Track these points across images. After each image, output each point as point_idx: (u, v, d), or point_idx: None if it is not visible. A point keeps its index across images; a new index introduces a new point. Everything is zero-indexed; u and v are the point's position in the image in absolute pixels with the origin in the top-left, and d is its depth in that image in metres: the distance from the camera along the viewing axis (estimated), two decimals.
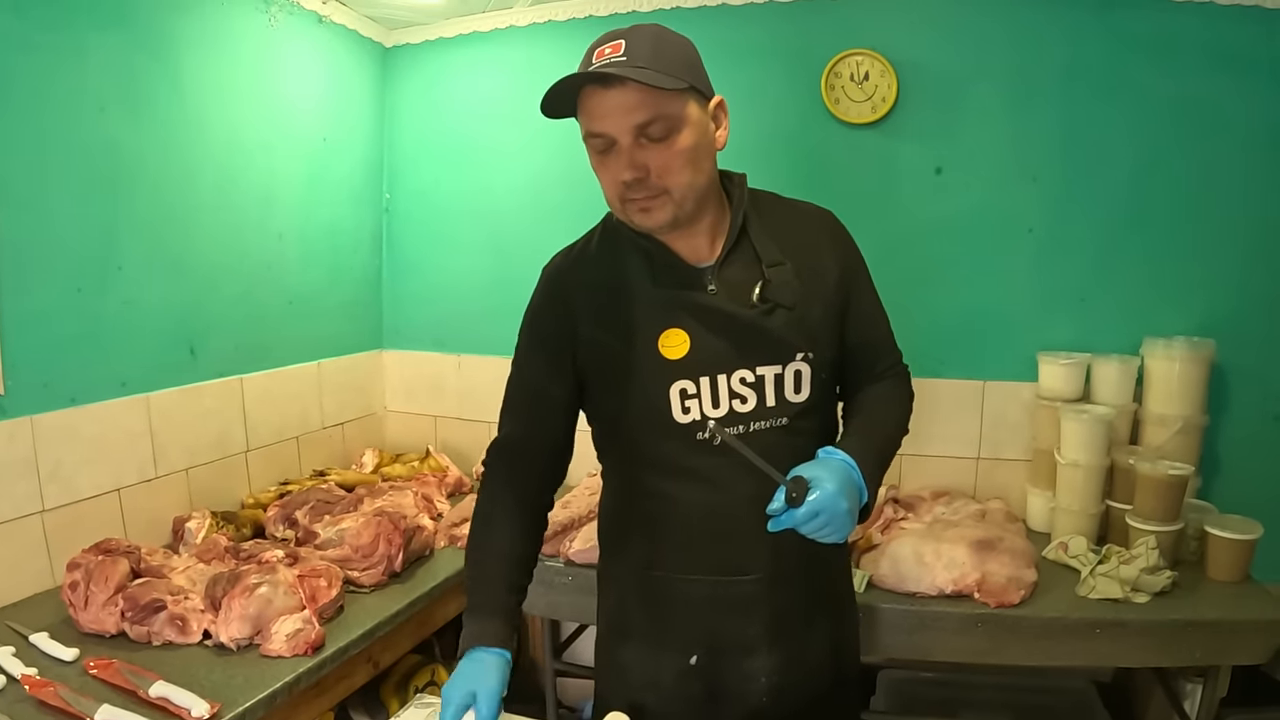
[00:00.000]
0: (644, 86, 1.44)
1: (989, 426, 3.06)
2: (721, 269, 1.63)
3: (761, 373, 1.58)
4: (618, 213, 1.61)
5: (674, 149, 1.50)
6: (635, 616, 1.77)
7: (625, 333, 1.61)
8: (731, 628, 1.68)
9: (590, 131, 1.52)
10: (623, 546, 1.79)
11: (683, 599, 1.69)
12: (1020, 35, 2.92)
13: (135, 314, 2.59)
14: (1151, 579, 2.34)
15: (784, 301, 1.60)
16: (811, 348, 1.60)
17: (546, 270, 1.76)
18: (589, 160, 1.60)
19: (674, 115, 1.49)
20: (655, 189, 1.51)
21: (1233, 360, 2.83)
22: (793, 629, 1.69)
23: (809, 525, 1.42)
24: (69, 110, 2.36)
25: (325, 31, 3.31)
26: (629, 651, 1.78)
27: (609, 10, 3.27)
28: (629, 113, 1.46)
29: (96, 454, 2.47)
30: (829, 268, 1.67)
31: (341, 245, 3.52)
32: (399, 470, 3.36)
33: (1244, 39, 2.77)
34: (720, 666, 1.70)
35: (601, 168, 1.56)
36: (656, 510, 1.68)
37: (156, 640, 2.05)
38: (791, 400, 1.61)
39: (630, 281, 1.64)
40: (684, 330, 1.59)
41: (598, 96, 1.48)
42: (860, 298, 1.73)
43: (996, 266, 3.01)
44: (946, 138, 3.01)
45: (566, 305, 1.68)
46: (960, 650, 2.35)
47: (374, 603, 2.35)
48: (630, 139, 1.48)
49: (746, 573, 1.65)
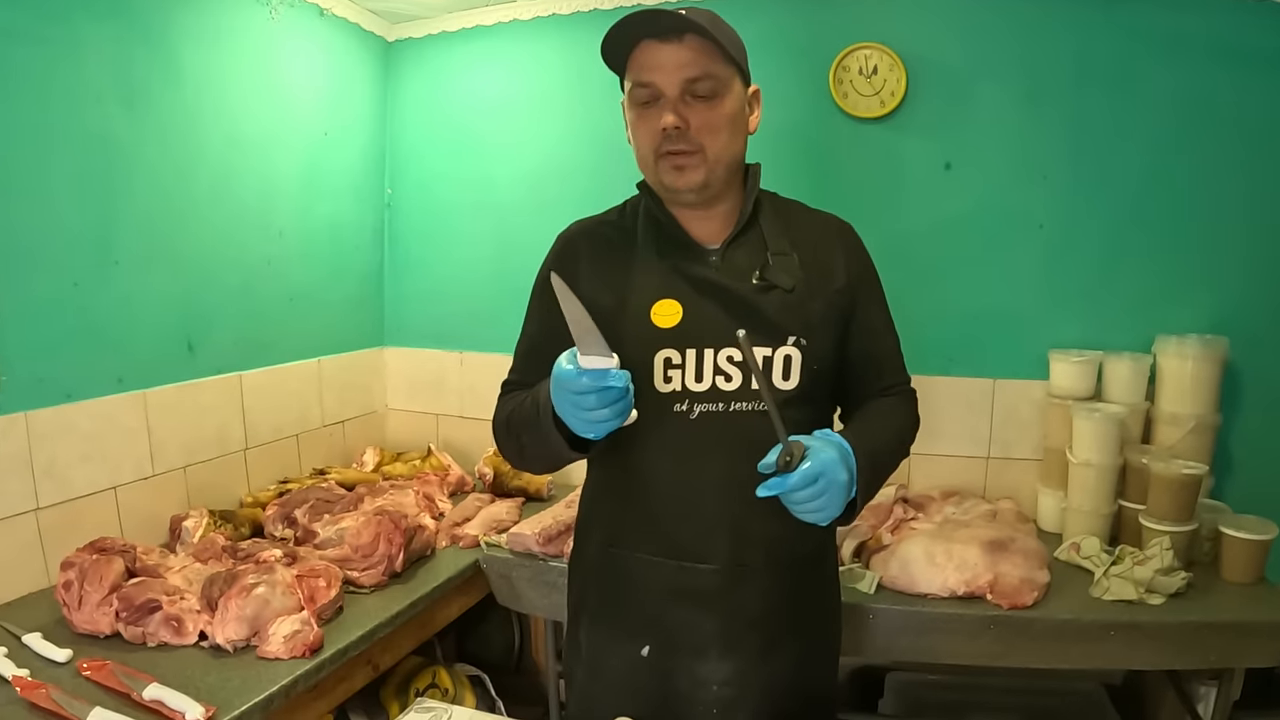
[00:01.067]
0: (699, 45, 1.51)
1: (999, 425, 3.02)
2: (728, 249, 1.65)
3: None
4: (649, 172, 1.64)
5: (717, 110, 1.56)
6: (592, 597, 1.79)
7: (621, 294, 1.64)
8: (684, 620, 1.66)
9: (639, 81, 1.57)
10: (590, 523, 1.81)
11: (638, 580, 1.69)
12: (1029, 30, 2.89)
13: (133, 309, 2.56)
14: (1166, 580, 2.31)
15: (782, 283, 1.61)
16: (805, 334, 1.60)
17: (561, 233, 1.80)
18: (626, 119, 1.65)
19: (722, 78, 1.55)
20: (694, 144, 1.55)
21: (1246, 358, 2.79)
22: (750, 639, 1.67)
23: (803, 493, 1.40)
24: (66, 103, 2.33)
25: (327, 25, 3.28)
26: (584, 632, 1.80)
27: (613, 4, 3.24)
28: (681, 67, 1.52)
29: (92, 451, 2.43)
30: (838, 272, 1.68)
31: (342, 241, 3.49)
32: (400, 469, 3.33)
33: (1254, 33, 2.74)
34: (671, 666, 1.68)
35: (641, 121, 1.59)
36: (622, 483, 1.70)
37: (151, 641, 2.02)
38: (779, 386, 1.60)
39: (638, 249, 1.68)
40: (678, 301, 1.61)
41: (653, 49, 1.54)
42: (868, 309, 1.73)
43: (1007, 263, 2.98)
44: (956, 133, 2.98)
45: (574, 261, 1.71)
46: (972, 653, 2.31)
47: (374, 603, 2.31)
48: (677, 93, 1.54)
49: (705, 560, 1.63)
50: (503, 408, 1.72)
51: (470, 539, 2.72)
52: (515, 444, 1.68)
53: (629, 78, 1.59)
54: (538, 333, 1.75)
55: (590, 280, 1.65)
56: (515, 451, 1.70)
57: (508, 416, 1.68)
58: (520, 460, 1.73)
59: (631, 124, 1.62)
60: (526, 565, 2.62)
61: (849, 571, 2.42)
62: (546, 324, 1.68)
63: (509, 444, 1.70)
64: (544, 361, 1.61)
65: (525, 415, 1.58)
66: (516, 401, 1.66)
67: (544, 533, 2.61)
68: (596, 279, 1.66)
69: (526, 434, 1.59)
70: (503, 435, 1.71)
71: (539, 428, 1.52)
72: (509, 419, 1.67)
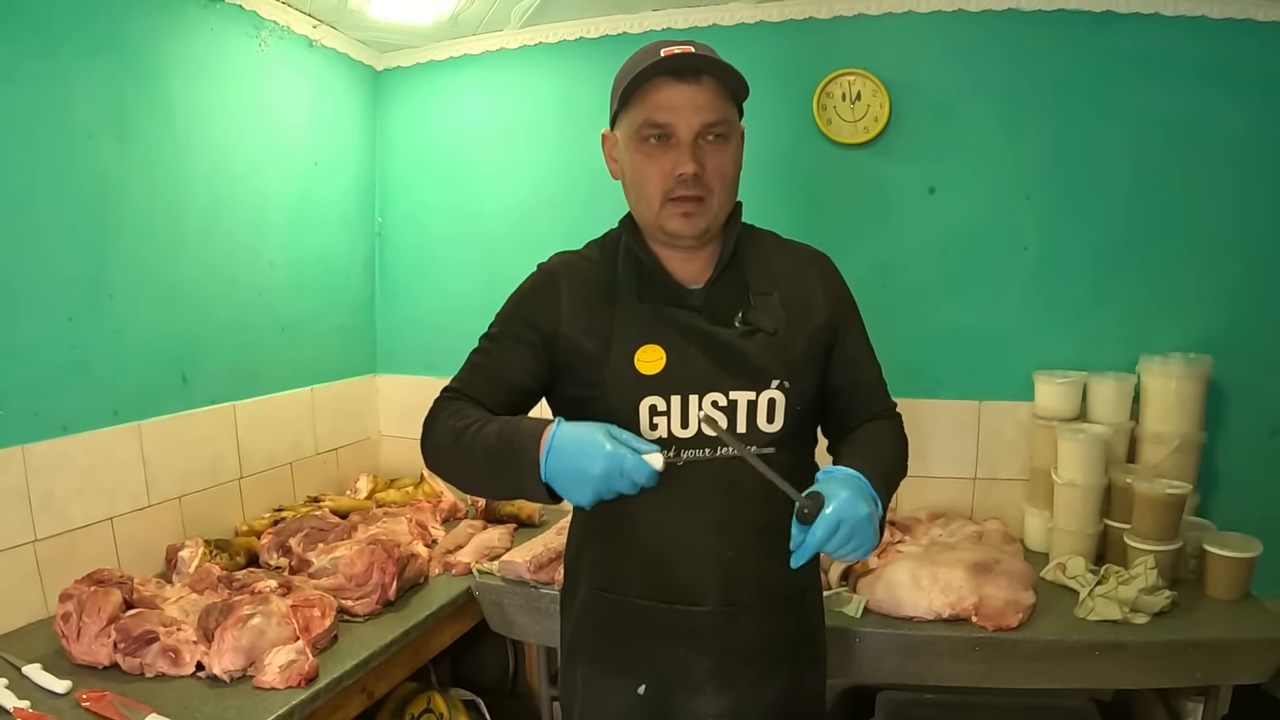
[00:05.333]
0: (715, 87, 1.51)
1: (985, 446, 3.05)
2: (709, 291, 1.65)
3: (735, 397, 1.59)
4: (649, 213, 1.62)
5: (726, 153, 1.57)
6: (587, 639, 1.79)
7: (604, 338, 1.62)
8: (679, 660, 1.67)
9: (651, 121, 1.55)
10: (580, 565, 1.80)
11: (633, 624, 1.69)
12: (1012, 53, 2.93)
13: (126, 342, 2.57)
14: (1150, 599, 2.33)
15: (765, 327, 1.61)
16: (788, 377, 1.61)
17: (541, 265, 1.77)
18: (617, 154, 1.65)
19: (733, 122, 1.57)
20: (706, 188, 1.55)
21: (1230, 376, 2.83)
22: (744, 673, 1.68)
23: (832, 541, 1.40)
24: (58, 138, 2.35)
25: (316, 56, 3.31)
26: (579, 672, 1.80)
27: (599, 32, 3.28)
28: (699, 110, 1.52)
29: (88, 483, 2.45)
30: (818, 306, 1.69)
31: (333, 270, 3.51)
32: (393, 496, 3.35)
33: (1236, 53, 2.79)
34: (668, 702, 1.69)
35: (649, 161, 1.57)
36: (612, 529, 1.69)
37: (149, 672, 2.03)
38: (763, 429, 1.61)
39: (620, 292, 1.66)
40: (661, 347, 1.60)
41: (670, 88, 1.53)
42: (849, 340, 1.74)
43: (992, 286, 3.01)
44: (939, 157, 3.02)
45: (555, 298, 1.68)
46: (957, 674, 2.34)
47: (368, 632, 2.33)
48: (692, 136, 1.53)
49: (697, 603, 1.64)
50: (447, 418, 1.62)
51: (463, 566, 2.74)
52: (462, 464, 1.59)
53: (637, 114, 1.57)
54: (500, 356, 1.69)
55: (572, 321, 1.65)
56: (458, 470, 1.63)
57: (458, 434, 1.56)
58: (460, 480, 1.65)
59: (634, 162, 1.60)
60: (518, 592, 2.63)
61: (835, 596, 2.43)
62: (513, 353, 1.67)
63: (452, 459, 1.61)
64: (494, 384, 1.63)
65: (488, 445, 1.51)
66: (470, 422, 1.56)
67: (535, 560, 2.63)
68: (580, 319, 1.65)
69: (486, 464, 1.52)
70: (445, 448, 1.60)
71: (507, 465, 1.47)
72: (460, 437, 1.56)
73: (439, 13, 3.14)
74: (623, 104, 1.60)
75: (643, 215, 1.65)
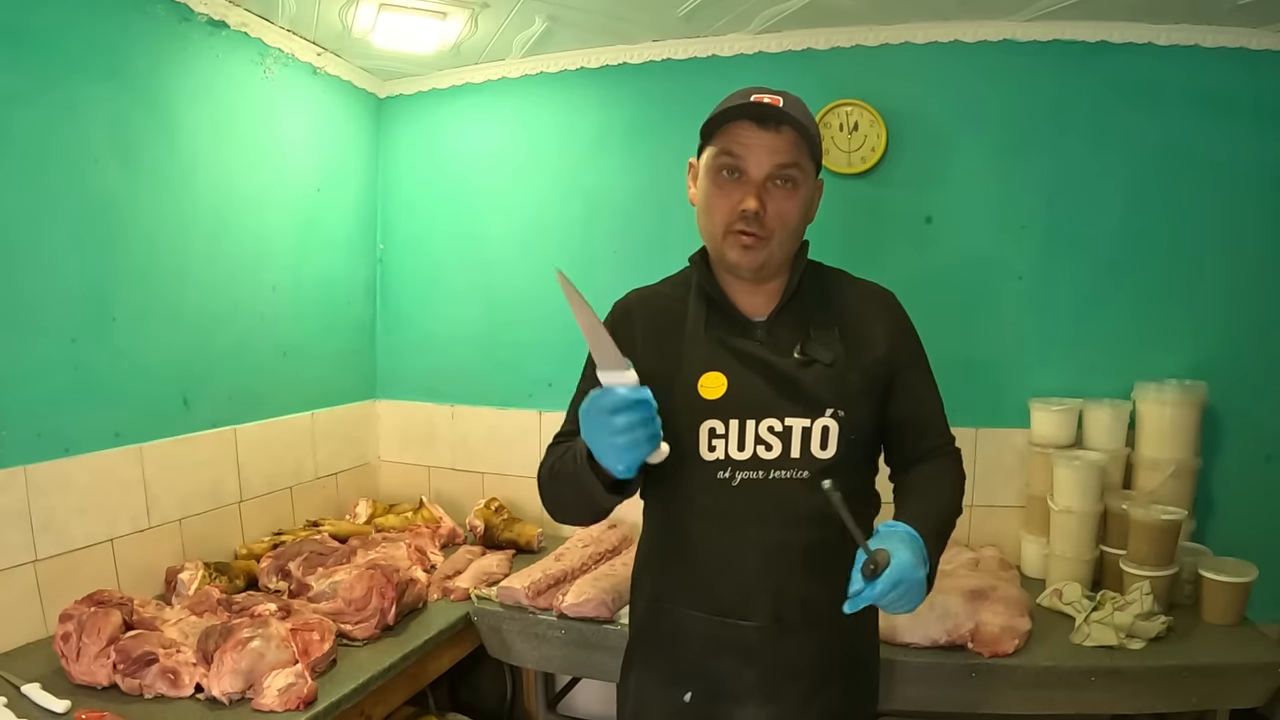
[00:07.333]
0: (793, 137, 1.61)
1: (982, 473, 3.06)
2: (772, 323, 1.72)
3: (790, 423, 1.65)
4: (714, 241, 1.70)
5: (793, 199, 1.64)
6: (641, 648, 1.85)
7: (672, 367, 1.70)
8: (727, 671, 1.71)
9: (727, 150, 1.63)
10: (643, 579, 1.86)
11: (683, 633, 1.74)
12: (1008, 83, 2.97)
13: (129, 364, 2.59)
14: (1146, 625, 2.34)
15: (822, 358, 1.67)
16: (843, 406, 1.66)
17: (617, 301, 1.87)
18: (695, 178, 1.74)
19: (805, 169, 1.64)
20: (766, 229, 1.62)
21: (1224, 402, 2.85)
22: (792, 688, 1.71)
23: (889, 597, 1.46)
24: (64, 163, 2.38)
25: (320, 83, 3.34)
26: (633, 677, 1.86)
27: (600, 62, 3.32)
28: (774, 153, 1.60)
29: (89, 504, 2.46)
30: (878, 341, 1.75)
31: (335, 295, 3.53)
32: (392, 521, 3.35)
33: (1229, 82, 2.83)
34: (713, 712, 1.73)
35: (719, 192, 1.65)
36: (670, 545, 1.77)
37: (148, 693, 2.03)
38: (816, 455, 1.66)
39: (688, 322, 1.74)
40: (723, 374, 1.67)
41: (752, 130, 1.61)
42: (910, 375, 1.80)
43: (987, 314, 3.04)
44: (936, 187, 3.05)
45: (630, 326, 1.77)
46: (953, 701, 2.34)
47: (366, 656, 2.33)
48: (763, 176, 1.61)
49: (747, 618, 1.68)
50: (548, 458, 1.77)
51: (461, 592, 2.74)
52: (554, 491, 1.73)
53: (716, 143, 1.65)
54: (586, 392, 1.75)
55: (646, 351, 1.71)
56: (554, 499, 1.74)
57: (551, 465, 1.72)
58: (558, 509, 1.76)
59: (707, 191, 1.68)
60: (516, 618, 2.64)
61: None
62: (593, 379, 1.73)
63: (550, 492, 1.75)
64: None
65: (565, 464, 1.63)
66: (559, 453, 1.71)
67: (533, 586, 2.63)
68: (652, 350, 1.72)
69: (566, 482, 1.64)
70: (546, 484, 1.76)
71: (576, 474, 1.57)
72: (552, 468, 1.71)
73: (442, 41, 3.18)
74: (707, 137, 1.67)
75: (710, 243, 1.72)
